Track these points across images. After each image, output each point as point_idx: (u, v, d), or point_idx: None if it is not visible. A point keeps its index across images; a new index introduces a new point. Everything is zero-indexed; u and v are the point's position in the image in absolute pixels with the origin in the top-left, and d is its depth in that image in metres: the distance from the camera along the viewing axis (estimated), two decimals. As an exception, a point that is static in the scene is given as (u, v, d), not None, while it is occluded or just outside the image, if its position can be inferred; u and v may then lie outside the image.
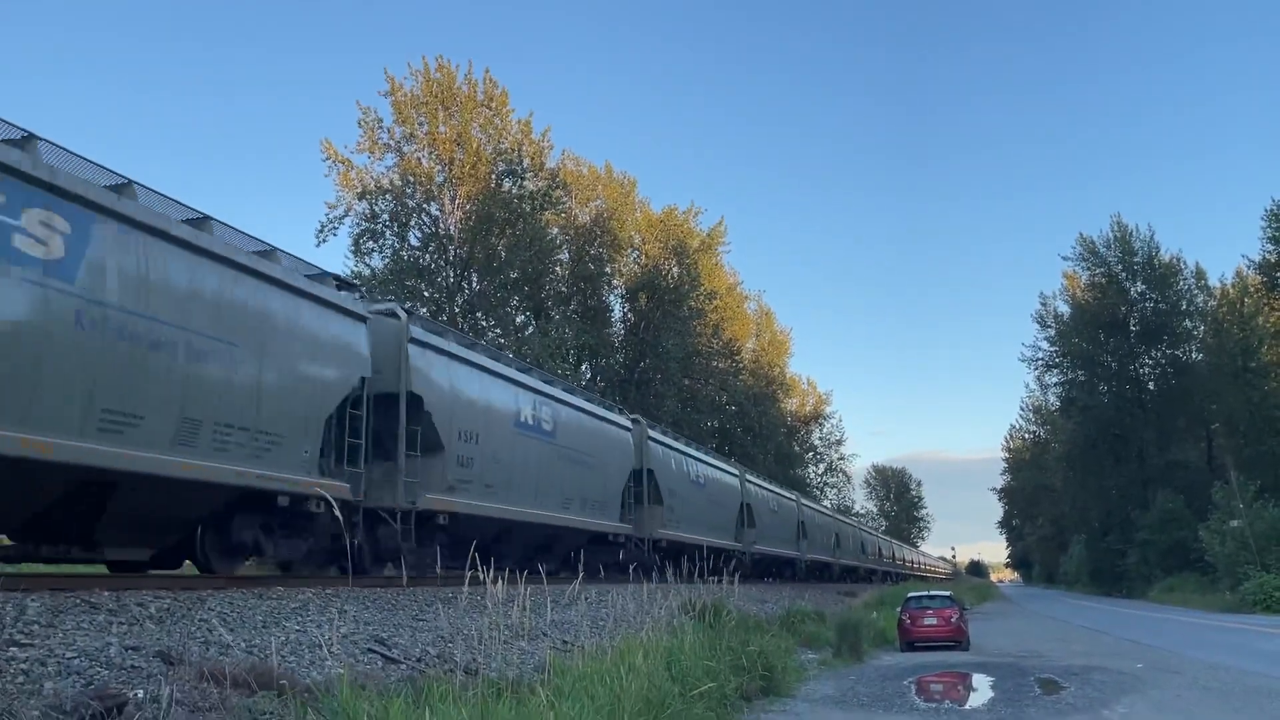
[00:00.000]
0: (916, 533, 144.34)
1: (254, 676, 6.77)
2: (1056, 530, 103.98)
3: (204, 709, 6.27)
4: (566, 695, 7.44)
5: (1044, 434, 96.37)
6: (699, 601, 14.69)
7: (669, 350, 45.17)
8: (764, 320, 69.80)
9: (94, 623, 7.80)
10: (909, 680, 16.20)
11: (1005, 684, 15.51)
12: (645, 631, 11.05)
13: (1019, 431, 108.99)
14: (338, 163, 36.43)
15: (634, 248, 48.90)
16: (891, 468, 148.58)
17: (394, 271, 35.60)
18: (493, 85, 38.23)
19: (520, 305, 41.05)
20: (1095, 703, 12.84)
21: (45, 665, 6.45)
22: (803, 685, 14.58)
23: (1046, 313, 69.95)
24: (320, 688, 6.78)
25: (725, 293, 56.65)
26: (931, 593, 28.46)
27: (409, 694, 6.64)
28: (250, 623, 9.14)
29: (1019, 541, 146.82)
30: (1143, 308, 64.60)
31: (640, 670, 8.63)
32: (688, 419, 47.39)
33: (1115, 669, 17.23)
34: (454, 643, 9.67)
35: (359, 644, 9.40)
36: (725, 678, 10.90)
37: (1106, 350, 65.54)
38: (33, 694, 5.88)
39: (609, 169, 48.91)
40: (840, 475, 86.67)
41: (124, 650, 7.10)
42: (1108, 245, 65.25)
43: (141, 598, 8.96)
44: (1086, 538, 77.76)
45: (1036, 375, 73.42)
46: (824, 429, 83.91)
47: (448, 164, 36.75)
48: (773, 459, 62.28)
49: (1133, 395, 64.88)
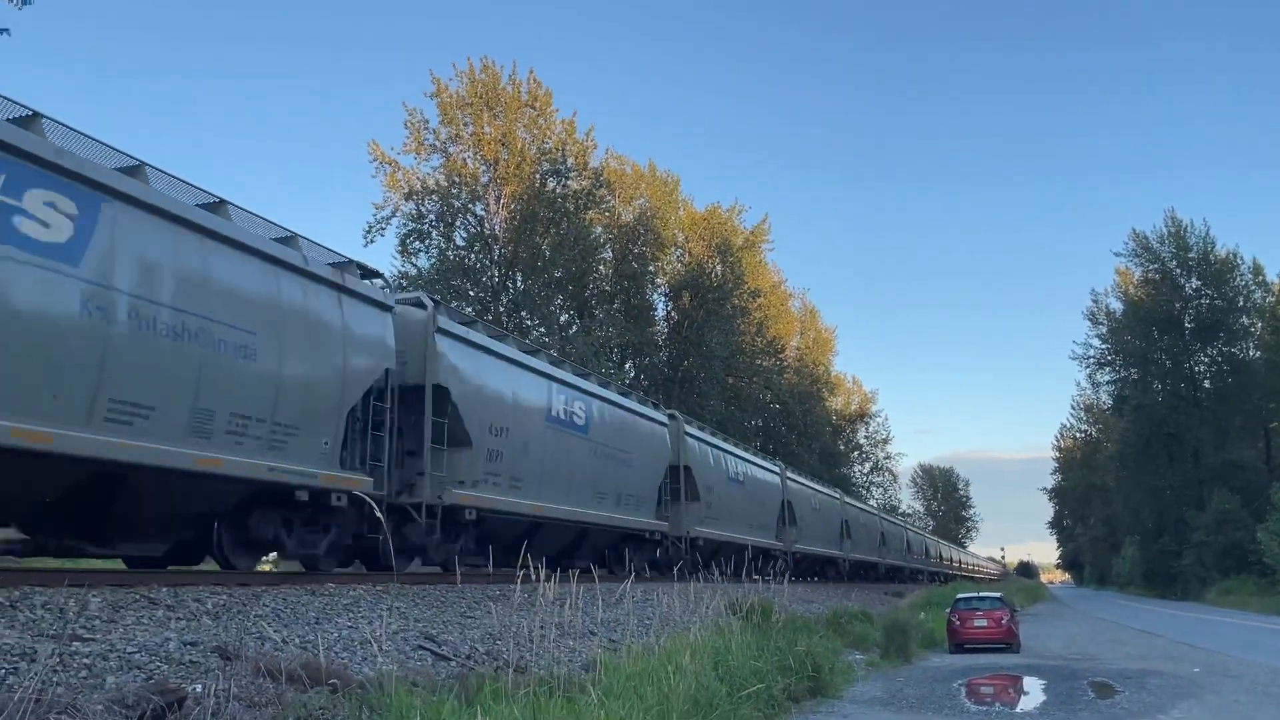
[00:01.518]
0: (964, 533, 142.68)
1: (308, 672, 6.87)
2: (1109, 531, 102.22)
3: (260, 704, 6.37)
4: (616, 695, 7.45)
5: (1096, 433, 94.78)
6: (746, 601, 14.65)
7: (713, 349, 45.04)
8: (808, 318, 69.44)
9: (153, 618, 7.96)
10: (958, 682, 16.02)
11: (1057, 687, 15.28)
12: (693, 631, 11.04)
13: (1070, 430, 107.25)
14: (385, 164, 36.85)
15: (677, 246, 48.81)
16: (938, 467, 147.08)
17: (440, 271, 35.92)
18: (537, 85, 38.42)
19: (564, 304, 41.16)
20: (1150, 707, 12.60)
21: (107, 660, 6.59)
22: (850, 686, 14.47)
23: (1098, 309, 68.81)
24: (372, 684, 6.87)
25: (769, 291, 56.40)
26: (981, 594, 28.11)
27: (460, 692, 6.69)
28: (303, 619, 9.27)
29: (1070, 542, 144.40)
30: (1198, 304, 63.22)
31: (688, 670, 8.62)
32: (731, 417, 47.23)
33: (1171, 673, 16.90)
34: (503, 640, 9.73)
35: (409, 641, 9.51)
36: (773, 678, 10.86)
37: (1160, 348, 64.30)
38: (96, 688, 6.02)
39: (652, 167, 48.96)
40: (886, 474, 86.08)
41: (182, 645, 7.24)
42: (1161, 241, 64.03)
43: (199, 593, 9.12)
44: (1140, 539, 76.33)
45: (1088, 373, 72.08)
46: (869, 428, 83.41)
47: (492, 164, 36.98)
48: (818, 458, 61.91)
49: (1187, 393, 63.57)
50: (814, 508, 40.22)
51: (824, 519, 42.07)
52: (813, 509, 39.86)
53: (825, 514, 42.52)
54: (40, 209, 8.71)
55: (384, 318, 13.50)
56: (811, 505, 39.81)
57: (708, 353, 45.06)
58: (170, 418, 9.92)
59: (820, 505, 41.72)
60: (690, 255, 48.44)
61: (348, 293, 12.77)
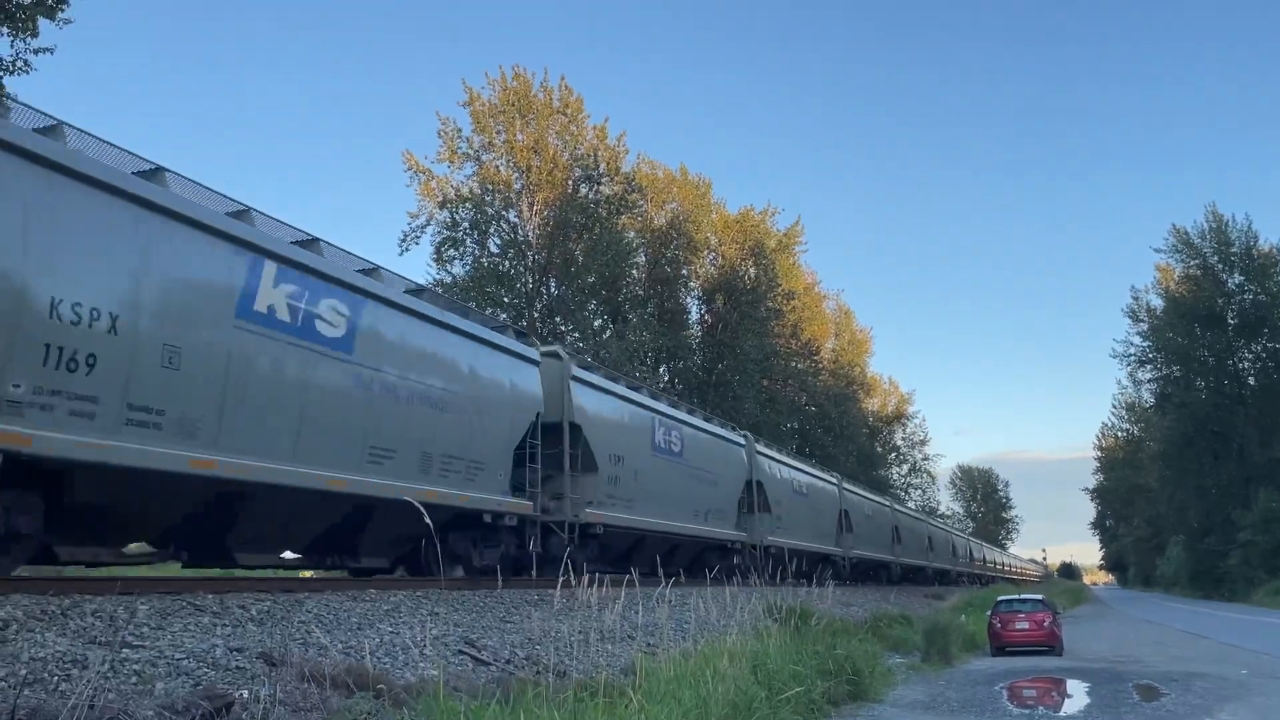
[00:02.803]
0: (1005, 534, 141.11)
1: (351, 678, 6.97)
2: (1153, 531, 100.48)
3: (305, 709, 6.47)
4: (655, 698, 7.48)
5: (1138, 432, 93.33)
6: (784, 605, 14.62)
7: (747, 351, 44.93)
8: (843, 320, 69.03)
9: (200, 625, 8.10)
10: (1000, 685, 15.85)
11: (1101, 690, 15.08)
12: (731, 635, 11.04)
13: (1111, 430, 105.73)
14: (419, 173, 37.17)
15: (710, 249, 48.69)
16: (978, 468, 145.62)
17: (474, 278, 36.16)
18: (568, 92, 38.60)
19: (598, 309, 41.26)
20: (1197, 710, 12.41)
21: (156, 666, 6.73)
22: (891, 690, 14.37)
23: (1139, 307, 67.81)
24: (415, 689, 6.95)
25: (803, 293, 56.13)
26: (1023, 596, 27.81)
27: (501, 696, 6.76)
28: (345, 624, 9.40)
29: (1113, 543, 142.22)
30: (1241, 300, 62.17)
31: (726, 674, 8.63)
32: (767, 420, 47.02)
33: (1217, 675, 16.63)
34: (543, 645, 9.80)
35: (450, 646, 9.60)
36: (812, 682, 10.82)
37: (1203, 344, 63.26)
38: (146, 694, 6.14)
39: (684, 171, 48.90)
40: (925, 476, 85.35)
41: (229, 651, 7.37)
42: (1202, 236, 63.04)
43: (243, 600, 9.27)
44: (1185, 539, 74.99)
45: (1129, 371, 71.19)
46: (907, 429, 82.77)
47: (525, 171, 37.18)
48: (854, 460, 61.54)
49: (1232, 390, 62.48)
50: (868, 515, 42.89)
51: (877, 526, 44.85)
52: (866, 516, 42.48)
53: (878, 521, 45.39)
54: (329, 313, 11.66)
55: (534, 370, 16.67)
56: (865, 513, 42.53)
57: (742, 356, 44.95)
58: (405, 460, 12.85)
59: (873, 513, 44.51)
60: (723, 258, 48.33)
61: (512, 354, 15.99)
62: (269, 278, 10.77)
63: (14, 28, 17.16)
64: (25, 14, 17.17)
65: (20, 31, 17.29)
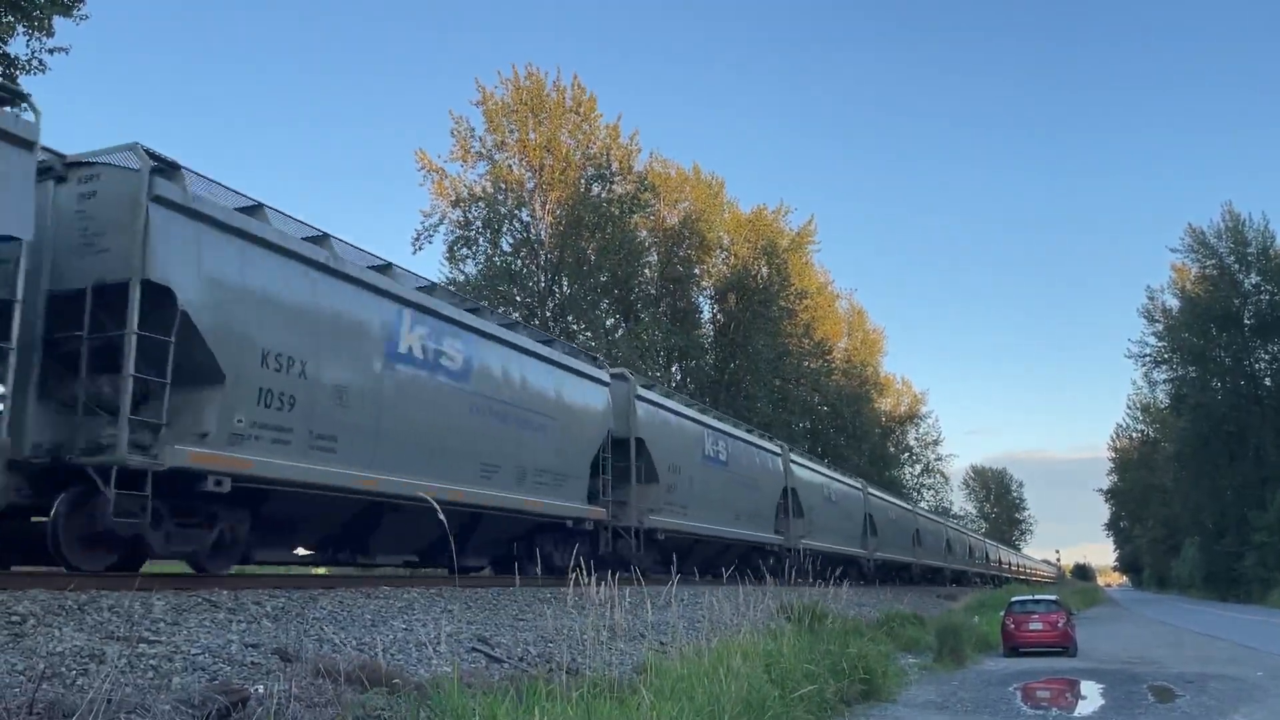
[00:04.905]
0: (1018, 535, 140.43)
1: (365, 674, 6.99)
2: (1168, 532, 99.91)
3: (319, 704, 6.50)
4: (667, 696, 7.49)
5: (1153, 432, 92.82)
6: (797, 604, 14.60)
7: (759, 351, 44.87)
8: (856, 319, 68.87)
9: (215, 620, 8.15)
10: (1014, 686, 15.80)
11: (1115, 691, 15.02)
12: (743, 634, 11.03)
13: (1126, 430, 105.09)
14: (432, 172, 37.25)
15: (723, 248, 48.59)
16: (991, 468, 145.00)
17: (487, 277, 36.22)
18: (581, 91, 38.61)
19: (610, 308, 41.27)
20: (1212, 711, 12.36)
21: (172, 661, 6.76)
22: (903, 690, 14.34)
23: (1154, 307, 67.57)
24: (429, 685, 6.97)
25: (816, 292, 55.98)
26: (1037, 596, 27.70)
27: (514, 694, 6.78)
28: (359, 621, 9.43)
29: (1127, 544, 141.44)
30: (1258, 300, 61.78)
31: (739, 672, 8.63)
32: (779, 420, 46.96)
33: (1233, 676, 16.54)
34: (555, 642, 9.81)
35: (463, 643, 9.62)
36: (824, 681, 10.81)
37: (1219, 345, 62.92)
38: (163, 689, 6.18)
39: (697, 170, 48.81)
40: (938, 476, 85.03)
41: (244, 647, 7.41)
42: (1219, 236, 62.70)
43: (258, 596, 9.32)
44: (1200, 540, 74.55)
45: (1144, 371, 70.92)
46: (919, 429, 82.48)
47: (538, 170, 37.22)
48: (867, 460, 61.38)
49: (1248, 391, 62.11)
50: (891, 519, 44.78)
51: (899, 529, 46.73)
52: (890, 520, 44.30)
53: (900, 524, 47.35)
54: (450, 349, 13.54)
55: (605, 391, 18.49)
56: (889, 517, 44.30)
57: (754, 355, 44.91)
58: (507, 474, 14.73)
59: (897, 517, 46.73)
60: (736, 257, 48.23)
61: (588, 377, 17.87)
62: (407, 323, 12.75)
63: (30, 25, 17.28)
64: (42, 12, 17.29)
65: (36, 30, 17.42)
